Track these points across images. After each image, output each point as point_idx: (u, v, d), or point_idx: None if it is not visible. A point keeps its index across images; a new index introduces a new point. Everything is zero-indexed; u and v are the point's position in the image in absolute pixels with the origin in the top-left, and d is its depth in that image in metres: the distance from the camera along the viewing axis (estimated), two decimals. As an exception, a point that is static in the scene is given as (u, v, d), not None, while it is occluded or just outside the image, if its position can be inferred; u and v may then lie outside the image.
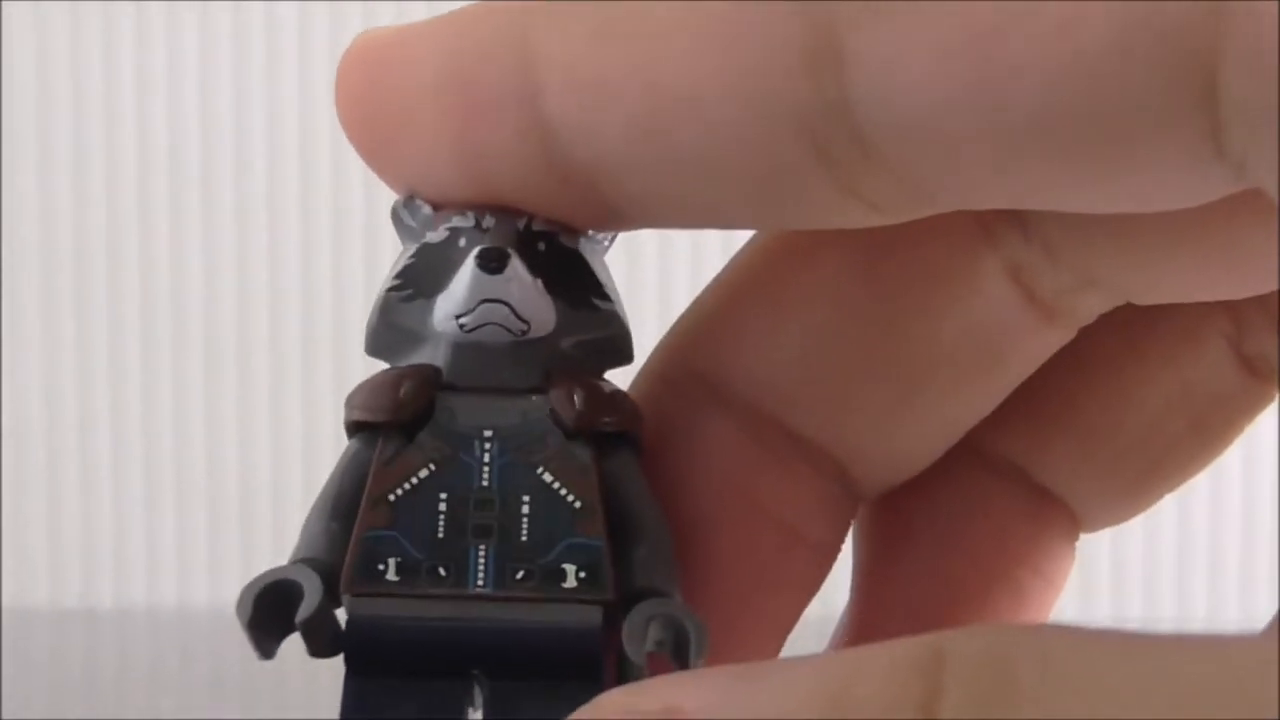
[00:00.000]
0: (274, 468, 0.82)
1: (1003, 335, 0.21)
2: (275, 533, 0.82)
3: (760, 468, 0.22)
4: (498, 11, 0.20)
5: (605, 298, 0.20)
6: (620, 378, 0.21)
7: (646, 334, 0.21)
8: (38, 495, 0.83)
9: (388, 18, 0.81)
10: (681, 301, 0.23)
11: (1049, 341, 0.22)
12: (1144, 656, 0.14)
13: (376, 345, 0.21)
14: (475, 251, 0.20)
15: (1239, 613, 0.71)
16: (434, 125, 0.20)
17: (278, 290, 0.82)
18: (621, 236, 0.21)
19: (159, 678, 0.72)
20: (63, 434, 0.83)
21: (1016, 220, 0.21)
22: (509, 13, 0.20)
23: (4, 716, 0.61)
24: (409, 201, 0.21)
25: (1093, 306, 0.22)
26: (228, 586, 0.82)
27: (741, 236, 0.22)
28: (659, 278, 0.80)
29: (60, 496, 0.83)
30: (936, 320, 0.21)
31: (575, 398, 0.20)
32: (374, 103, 0.20)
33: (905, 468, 0.22)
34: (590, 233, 0.21)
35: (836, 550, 0.23)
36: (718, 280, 0.22)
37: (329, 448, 0.82)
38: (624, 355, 0.21)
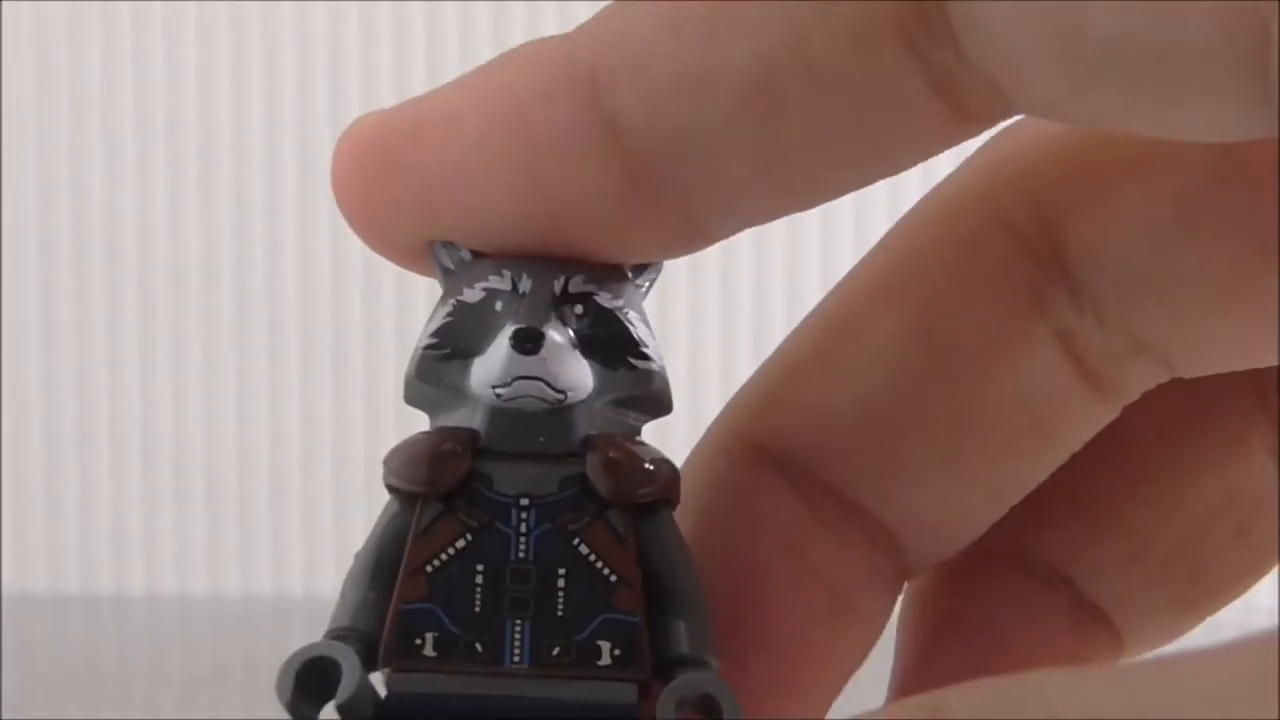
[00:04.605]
0: (272, 455, 0.82)
1: (1052, 404, 0.22)
2: (273, 521, 0.82)
3: (815, 533, 0.22)
4: (546, 52, 0.20)
5: (643, 356, 0.20)
6: (666, 440, 0.21)
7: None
8: (37, 481, 0.83)
9: (384, 14, 0.81)
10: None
11: (1096, 416, 0.22)
12: (1147, 678, 0.14)
13: (415, 397, 0.21)
14: (510, 330, 0.20)
15: (1267, 601, 0.71)
16: (491, 175, 0.20)
17: (276, 280, 0.82)
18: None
19: (159, 666, 0.72)
20: (62, 421, 0.83)
21: (1067, 284, 0.21)
22: (561, 48, 0.20)
23: (4, 703, 0.61)
24: (446, 244, 0.21)
25: (1138, 379, 0.22)
26: (228, 574, 0.82)
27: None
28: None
29: (60, 483, 0.83)
30: (988, 387, 0.21)
31: (612, 466, 0.20)
32: (401, 172, 0.20)
33: (951, 540, 0.22)
34: (629, 274, 0.21)
35: (883, 623, 0.23)
36: (776, 353, 0.23)
37: (327, 436, 0.82)
38: (663, 406, 0.21)
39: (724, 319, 0.82)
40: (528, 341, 0.19)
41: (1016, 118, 0.20)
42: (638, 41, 0.19)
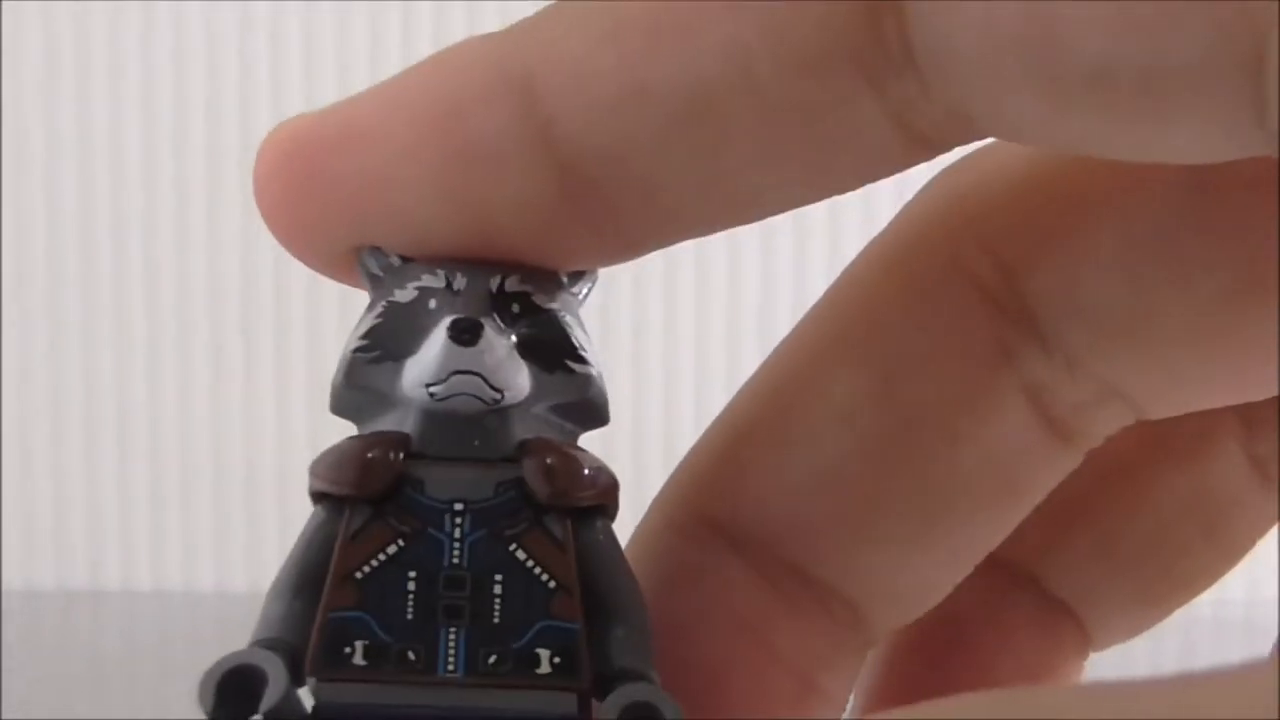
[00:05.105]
0: (278, 452, 0.82)
1: (1020, 460, 0.21)
2: (280, 517, 0.82)
3: (775, 613, 0.21)
4: (478, 56, 0.19)
5: (580, 360, 0.20)
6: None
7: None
8: (43, 477, 0.83)
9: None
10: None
11: (1061, 466, 0.21)
12: (1149, 701, 0.14)
13: (342, 405, 0.20)
14: (447, 322, 0.19)
15: (1244, 594, 0.71)
16: (421, 183, 0.19)
17: (283, 278, 0.82)
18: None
19: (166, 662, 0.72)
20: (69, 417, 0.83)
21: (1035, 334, 0.21)
22: (495, 51, 0.19)
23: (10, 700, 0.61)
24: (374, 249, 0.20)
25: (1104, 426, 0.21)
26: (234, 570, 0.82)
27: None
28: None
29: (66, 479, 0.83)
30: (955, 447, 0.21)
31: (550, 470, 0.19)
32: (328, 180, 0.19)
33: (917, 606, 0.22)
34: (564, 281, 0.20)
35: (846, 699, 0.22)
36: (723, 417, 0.22)
37: (333, 432, 0.82)
38: (600, 417, 0.20)
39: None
40: (465, 332, 0.19)
41: (974, 145, 0.19)
42: (575, 50, 0.18)
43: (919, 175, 0.21)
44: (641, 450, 0.78)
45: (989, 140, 0.20)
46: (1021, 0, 0.17)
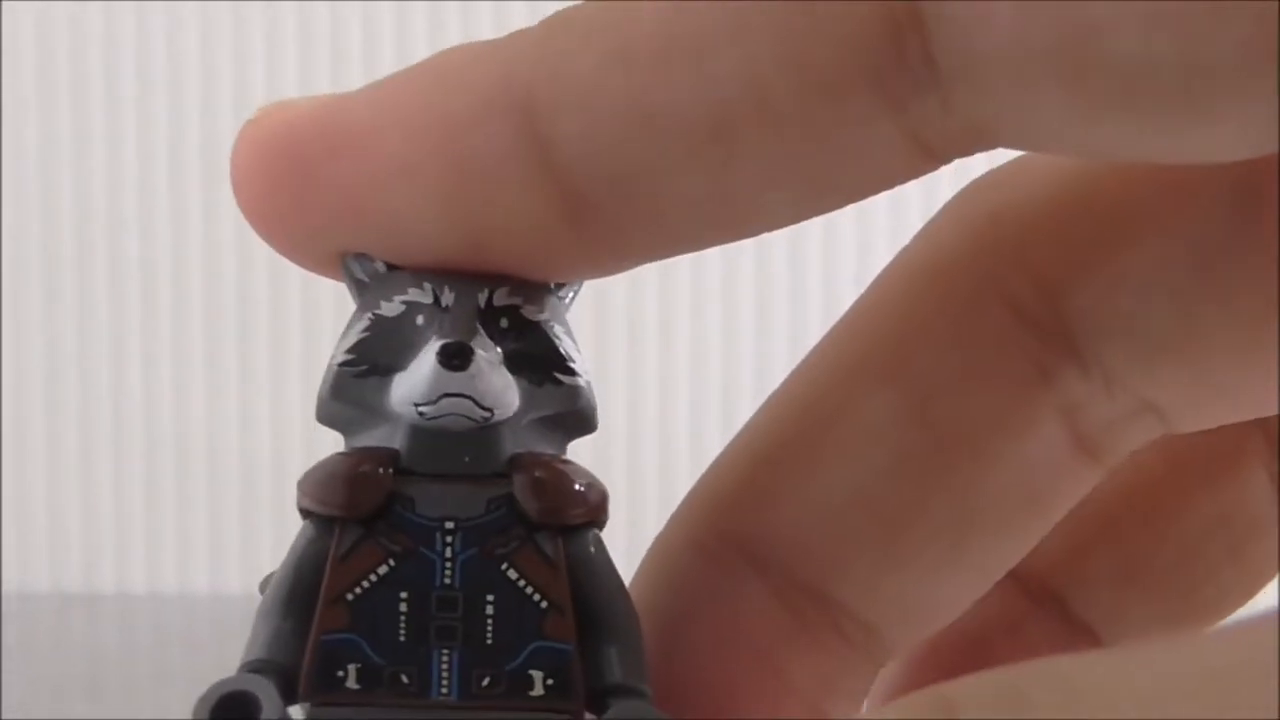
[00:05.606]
0: (274, 453, 0.82)
1: (1050, 479, 0.21)
2: (276, 518, 0.82)
3: (791, 641, 0.21)
4: (478, 68, 0.19)
5: (569, 371, 0.20)
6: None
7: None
8: (39, 479, 0.83)
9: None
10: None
11: (1087, 480, 0.21)
12: (1153, 658, 0.14)
13: (328, 417, 0.20)
14: (437, 346, 0.19)
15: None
16: (413, 196, 0.19)
17: (279, 278, 0.82)
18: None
19: (162, 664, 0.72)
20: (65, 419, 0.83)
21: (1073, 355, 0.20)
22: (496, 65, 0.18)
23: (7, 702, 0.61)
24: (360, 255, 0.20)
25: (1132, 441, 0.21)
26: (229, 572, 0.82)
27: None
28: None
29: (62, 481, 0.83)
30: (986, 468, 0.20)
31: (540, 486, 0.19)
32: (316, 185, 0.19)
33: (933, 624, 0.22)
34: (552, 287, 0.20)
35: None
36: (748, 434, 0.21)
37: (331, 433, 0.82)
38: (588, 426, 0.20)
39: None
40: (455, 357, 0.18)
41: (983, 157, 0.19)
42: (581, 72, 0.18)
43: (916, 184, 0.21)
44: (636, 454, 0.78)
45: (1015, 155, 0.20)
46: (1055, 2, 0.16)
